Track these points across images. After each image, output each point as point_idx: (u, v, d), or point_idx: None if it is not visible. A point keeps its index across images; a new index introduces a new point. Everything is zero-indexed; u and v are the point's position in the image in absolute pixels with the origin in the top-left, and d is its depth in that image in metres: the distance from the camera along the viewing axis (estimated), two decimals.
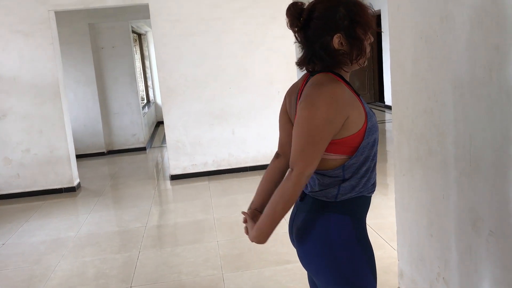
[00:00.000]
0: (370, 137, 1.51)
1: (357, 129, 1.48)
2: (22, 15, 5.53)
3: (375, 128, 1.53)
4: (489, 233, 1.87)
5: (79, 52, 7.70)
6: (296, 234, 1.63)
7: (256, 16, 5.86)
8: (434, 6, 2.14)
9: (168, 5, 5.74)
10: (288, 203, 1.47)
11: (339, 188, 1.53)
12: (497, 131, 1.76)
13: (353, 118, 1.46)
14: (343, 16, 1.47)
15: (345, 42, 1.48)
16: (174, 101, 5.92)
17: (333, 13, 1.47)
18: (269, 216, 1.51)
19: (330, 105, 1.43)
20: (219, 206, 4.83)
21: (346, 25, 1.47)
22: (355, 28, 1.47)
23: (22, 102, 5.67)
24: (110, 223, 4.71)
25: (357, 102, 1.49)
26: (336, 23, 1.47)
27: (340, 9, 1.47)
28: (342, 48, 1.49)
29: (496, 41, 1.71)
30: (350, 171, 1.52)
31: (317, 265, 1.56)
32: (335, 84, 1.47)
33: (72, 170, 5.90)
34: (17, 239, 4.37)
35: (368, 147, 1.52)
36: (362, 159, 1.52)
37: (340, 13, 1.47)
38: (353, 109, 1.46)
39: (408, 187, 2.64)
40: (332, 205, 1.54)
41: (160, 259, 3.69)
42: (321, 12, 1.48)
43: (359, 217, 1.58)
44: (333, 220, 1.54)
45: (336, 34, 1.47)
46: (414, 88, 2.42)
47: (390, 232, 3.62)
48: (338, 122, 1.44)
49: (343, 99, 1.44)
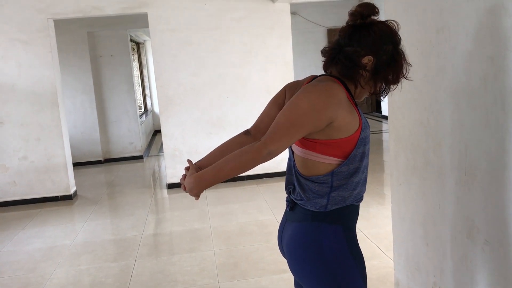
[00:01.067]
0: (362, 147, 1.52)
1: (348, 133, 1.48)
2: (21, 23, 5.55)
3: (367, 140, 1.55)
4: (484, 242, 1.88)
5: (78, 60, 7.73)
6: (287, 245, 1.62)
7: (254, 26, 5.90)
8: (429, 17, 2.16)
9: (166, 14, 5.77)
10: (239, 166, 1.42)
11: (328, 198, 1.53)
12: (492, 141, 1.78)
13: (345, 120, 1.46)
14: (388, 52, 1.49)
15: (371, 70, 1.51)
16: (171, 110, 5.94)
17: (383, 41, 1.49)
18: (214, 169, 1.45)
19: (321, 95, 1.44)
20: (215, 215, 4.83)
21: (383, 60, 1.49)
22: (385, 68, 1.50)
23: (20, 109, 5.67)
24: (106, 232, 4.70)
25: (352, 108, 1.50)
26: (379, 49, 1.49)
27: (391, 45, 1.50)
28: (366, 70, 1.50)
29: (490, 52, 1.73)
30: (338, 178, 1.52)
31: (309, 275, 1.56)
32: (333, 83, 1.49)
33: (69, 178, 5.89)
34: (13, 247, 4.36)
35: (358, 157, 1.52)
36: (352, 169, 1.52)
37: (388, 47, 1.50)
38: (346, 112, 1.47)
39: (404, 196, 2.65)
40: (323, 215, 1.55)
41: (156, 268, 3.68)
42: (377, 32, 1.49)
43: (350, 226, 1.58)
44: (324, 230, 1.54)
45: (369, 56, 1.49)
46: (410, 98, 2.44)
47: (386, 241, 3.63)
48: (324, 116, 1.43)
49: (336, 96, 1.45)
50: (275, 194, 5.42)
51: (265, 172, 6.10)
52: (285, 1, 5.81)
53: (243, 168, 1.43)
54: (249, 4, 5.87)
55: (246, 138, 1.73)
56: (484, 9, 1.75)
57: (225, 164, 1.44)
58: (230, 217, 4.74)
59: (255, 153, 1.41)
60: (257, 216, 4.70)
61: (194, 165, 1.60)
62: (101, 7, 5.64)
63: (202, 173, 1.47)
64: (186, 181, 1.51)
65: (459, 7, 1.91)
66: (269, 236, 4.11)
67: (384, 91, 1.58)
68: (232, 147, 1.66)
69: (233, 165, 1.43)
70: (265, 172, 6.10)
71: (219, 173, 1.44)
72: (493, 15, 1.71)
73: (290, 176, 1.65)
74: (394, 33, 1.52)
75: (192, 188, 1.49)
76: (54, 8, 5.58)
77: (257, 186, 5.78)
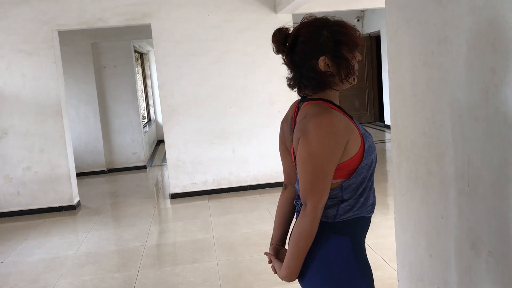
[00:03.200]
0: (369, 157, 1.53)
1: (354, 152, 1.49)
2: (26, 34, 5.60)
3: (372, 149, 1.55)
4: (488, 253, 1.87)
5: (82, 71, 7.78)
6: None
7: (257, 37, 5.94)
8: (431, 29, 2.17)
9: (170, 25, 5.81)
10: (309, 238, 1.50)
11: (338, 209, 1.54)
12: (495, 152, 1.78)
13: (350, 143, 1.48)
14: (327, 39, 1.49)
15: (332, 64, 1.50)
16: (175, 120, 5.96)
17: (317, 37, 1.50)
18: (293, 254, 1.53)
19: (330, 139, 1.44)
20: (219, 225, 4.82)
21: (331, 47, 1.49)
22: (340, 49, 1.49)
23: (24, 120, 5.70)
24: (109, 242, 4.69)
25: (351, 125, 1.50)
26: (321, 46, 1.49)
27: (324, 32, 1.50)
28: (329, 69, 1.51)
29: (492, 63, 1.74)
30: (348, 191, 1.53)
31: (315, 285, 1.57)
32: (330, 115, 1.47)
33: (72, 188, 5.90)
34: (15, 258, 4.36)
35: (366, 167, 1.53)
36: (360, 179, 1.53)
37: (324, 36, 1.49)
38: (351, 134, 1.48)
39: (407, 207, 2.64)
40: (332, 225, 1.55)
41: (159, 279, 3.67)
42: (306, 37, 1.51)
43: (359, 238, 1.59)
44: (332, 241, 1.54)
45: (321, 57, 1.49)
46: (413, 109, 2.45)
47: (390, 252, 3.62)
48: (340, 151, 1.46)
49: (340, 128, 1.46)
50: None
51: (267, 182, 6.10)
52: (287, 12, 5.85)
53: (312, 236, 1.51)
54: (252, 15, 5.91)
55: (288, 192, 1.78)
56: (486, 21, 1.76)
57: (297, 245, 1.52)
58: (233, 228, 4.74)
59: (314, 220, 1.48)
60: (261, 227, 4.70)
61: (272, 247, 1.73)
62: (105, 19, 5.69)
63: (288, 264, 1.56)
64: (281, 276, 1.60)
65: (461, 19, 1.92)
66: None
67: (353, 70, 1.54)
68: (286, 208, 1.76)
69: (304, 241, 1.51)
70: (268, 182, 6.10)
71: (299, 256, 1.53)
72: (494, 27, 1.72)
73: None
74: (315, 22, 1.53)
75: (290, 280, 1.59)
76: (58, 19, 5.63)
77: (260, 196, 5.78)
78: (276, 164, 6.03)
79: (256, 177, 6.12)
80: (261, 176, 6.11)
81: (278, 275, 1.62)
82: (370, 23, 10.57)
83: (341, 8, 6.10)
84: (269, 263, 1.70)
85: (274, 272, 1.66)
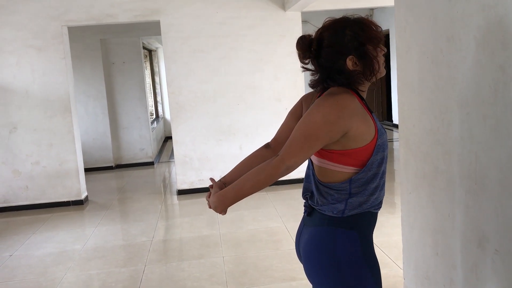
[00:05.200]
0: (380, 154, 1.53)
1: (365, 142, 1.50)
2: (35, 30, 5.64)
3: (385, 146, 1.55)
4: (494, 251, 1.87)
5: (90, 67, 7.82)
6: (303, 249, 1.64)
7: (264, 34, 5.94)
8: (440, 27, 2.17)
9: (179, 22, 5.83)
10: (259, 183, 1.48)
11: (346, 204, 1.54)
12: (502, 150, 1.77)
13: (360, 130, 1.48)
14: (351, 38, 1.50)
15: (359, 62, 1.51)
16: (182, 117, 5.97)
17: (341, 38, 1.51)
18: (235, 188, 1.52)
19: (333, 108, 1.46)
20: (225, 222, 4.84)
21: (356, 46, 1.50)
22: (364, 47, 1.51)
23: (33, 115, 5.74)
24: (116, 237, 4.72)
25: (367, 116, 1.51)
26: (346, 46, 1.50)
27: (347, 32, 1.51)
28: (357, 68, 1.52)
29: (501, 61, 1.73)
30: (356, 185, 1.53)
31: (323, 280, 1.57)
32: (346, 94, 1.50)
33: (80, 183, 5.94)
34: (24, 251, 4.40)
35: (376, 163, 1.53)
36: (370, 175, 1.53)
37: (347, 35, 1.50)
38: (361, 121, 1.48)
39: (414, 205, 2.64)
40: (339, 220, 1.56)
41: (166, 274, 3.69)
42: (330, 40, 1.52)
43: (366, 233, 1.59)
44: (340, 236, 1.55)
45: (349, 57, 1.50)
46: (421, 107, 2.44)
47: (396, 250, 3.61)
48: (338, 127, 1.45)
49: (349, 107, 1.47)
50: (284, 201, 5.41)
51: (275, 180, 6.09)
52: (296, 10, 5.84)
53: (263, 185, 1.49)
54: (260, 12, 5.91)
55: (266, 151, 1.77)
56: (494, 19, 1.76)
57: (245, 181, 1.51)
58: (239, 224, 4.75)
59: (273, 169, 1.46)
60: (267, 224, 4.71)
61: (219, 182, 1.69)
62: (114, 15, 5.71)
63: (225, 191, 1.55)
64: (210, 200, 1.59)
65: (470, 17, 1.92)
66: (278, 244, 4.11)
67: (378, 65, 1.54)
68: (254, 161, 1.72)
69: (253, 183, 1.49)
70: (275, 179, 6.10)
71: (240, 191, 1.52)
72: (503, 24, 1.71)
73: (308, 183, 1.68)
74: (337, 24, 1.53)
75: (216, 207, 1.57)
76: (68, 15, 5.66)
77: (266, 194, 5.79)
78: None
79: None
80: None
81: (208, 202, 1.60)
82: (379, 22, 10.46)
83: (350, 6, 6.08)
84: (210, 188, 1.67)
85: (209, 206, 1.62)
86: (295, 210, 4.97)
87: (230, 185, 1.55)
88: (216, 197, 1.56)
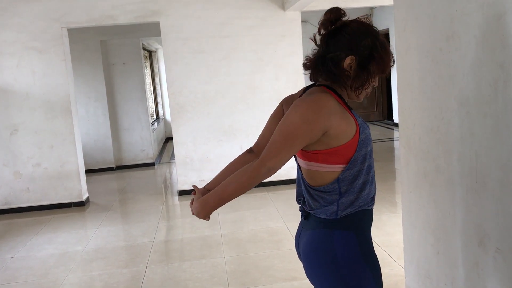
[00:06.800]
0: (363, 149, 1.54)
1: (347, 139, 1.50)
2: (35, 32, 5.64)
3: (368, 141, 1.55)
4: (496, 250, 1.87)
5: (91, 68, 7.82)
6: (303, 251, 1.65)
7: (265, 34, 5.94)
8: (440, 25, 2.17)
9: (179, 23, 5.83)
10: (240, 186, 1.48)
11: (338, 205, 1.55)
12: (503, 148, 1.77)
13: (340, 127, 1.48)
14: (367, 46, 1.50)
15: (355, 68, 1.51)
16: (183, 117, 5.98)
17: (361, 38, 1.51)
18: (217, 193, 1.53)
19: (311, 107, 1.46)
20: (226, 222, 4.84)
21: (365, 55, 1.50)
22: (370, 61, 1.51)
23: (34, 117, 5.75)
24: (118, 238, 4.73)
25: (346, 113, 1.51)
26: (358, 47, 1.50)
27: (369, 39, 1.51)
28: (349, 71, 1.52)
29: (501, 59, 1.73)
30: (345, 184, 1.53)
31: (323, 281, 1.57)
32: (322, 94, 1.51)
33: (81, 185, 5.95)
34: (25, 253, 4.40)
35: (360, 159, 1.53)
36: (356, 172, 1.54)
37: (366, 41, 1.51)
38: (340, 118, 1.48)
39: (415, 204, 2.64)
40: (335, 222, 1.56)
41: (167, 274, 3.69)
42: (352, 31, 1.52)
43: (363, 231, 1.59)
44: (337, 237, 1.55)
45: (351, 56, 1.50)
46: (421, 106, 2.44)
47: (397, 249, 3.61)
48: (316, 126, 1.45)
49: (326, 105, 1.47)
50: (285, 201, 5.42)
51: (275, 180, 6.10)
52: (296, 10, 5.84)
53: (244, 188, 1.49)
54: (260, 12, 5.91)
55: (249, 156, 1.79)
56: (494, 17, 1.76)
57: (227, 186, 1.51)
58: (240, 224, 4.75)
59: (254, 172, 1.46)
60: (268, 224, 4.71)
61: (203, 189, 1.69)
62: (114, 16, 5.72)
63: (207, 197, 1.55)
64: (193, 206, 1.60)
65: (469, 15, 1.92)
66: (279, 244, 4.11)
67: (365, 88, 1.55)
68: (237, 166, 1.71)
69: (235, 186, 1.49)
70: (275, 179, 6.10)
71: (222, 196, 1.52)
72: (503, 22, 1.71)
73: (300, 188, 1.69)
74: (368, 27, 1.54)
75: (198, 213, 1.57)
76: (68, 17, 5.67)
77: (267, 194, 5.79)
78: None
79: None
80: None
81: (191, 208, 1.61)
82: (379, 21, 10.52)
83: (350, 6, 6.08)
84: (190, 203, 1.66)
85: (191, 205, 1.63)
86: (296, 210, 4.94)
87: (212, 191, 1.56)
88: (199, 203, 1.57)
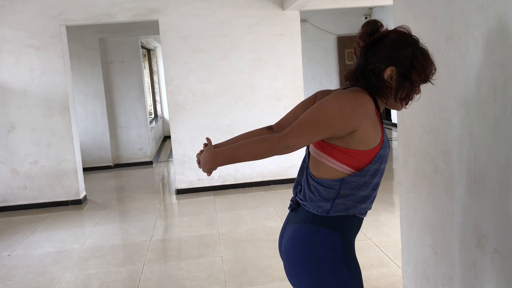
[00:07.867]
0: (377, 164, 1.53)
1: (368, 147, 1.49)
2: (34, 29, 5.62)
3: (384, 159, 1.55)
4: (493, 250, 1.87)
5: (89, 66, 7.81)
6: (285, 246, 1.65)
7: (264, 33, 5.93)
8: (439, 25, 2.17)
9: (177, 21, 5.82)
10: (255, 152, 1.45)
11: (333, 204, 1.54)
12: (502, 149, 1.77)
13: (368, 132, 1.48)
14: (407, 56, 1.49)
15: (396, 78, 1.51)
16: (181, 116, 5.97)
17: (400, 48, 1.50)
18: (232, 150, 1.48)
19: (351, 102, 1.45)
20: (224, 221, 4.83)
21: (406, 65, 1.49)
22: (411, 72, 1.50)
23: (31, 114, 5.73)
24: (115, 236, 4.72)
25: (377, 123, 1.51)
26: (397, 58, 1.50)
27: (409, 48, 1.50)
28: (390, 82, 1.51)
29: (500, 59, 1.73)
30: (346, 187, 1.53)
31: (301, 278, 1.57)
32: (364, 95, 1.50)
33: (79, 183, 5.93)
34: (22, 251, 4.39)
35: (370, 172, 1.53)
36: (362, 182, 1.53)
37: (406, 51, 1.50)
38: (371, 125, 1.48)
39: (413, 203, 2.64)
40: (323, 219, 1.56)
41: (164, 273, 3.69)
42: (391, 42, 1.51)
43: (348, 235, 1.58)
44: (322, 235, 1.55)
45: (391, 67, 1.49)
46: (420, 106, 2.44)
47: (395, 249, 3.61)
48: (349, 122, 1.44)
49: (364, 106, 1.46)
50: (283, 200, 5.41)
51: (273, 179, 6.10)
52: (295, 9, 5.84)
53: (259, 155, 1.45)
54: (259, 11, 5.90)
55: (267, 132, 1.76)
56: (494, 17, 1.75)
57: (242, 146, 1.47)
58: (238, 223, 4.75)
59: (274, 142, 1.43)
60: (265, 223, 4.70)
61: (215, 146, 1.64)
62: (113, 14, 5.70)
63: (219, 150, 1.50)
64: (202, 155, 1.52)
65: (469, 16, 1.92)
66: (277, 243, 4.09)
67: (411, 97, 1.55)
68: (254, 135, 1.70)
69: (250, 150, 1.45)
70: (274, 178, 6.11)
71: (235, 154, 1.47)
72: (503, 23, 1.71)
73: (300, 177, 1.68)
74: (407, 36, 1.53)
75: (205, 163, 1.51)
76: (66, 14, 5.65)
77: (265, 193, 5.78)
78: (282, 161, 6.03)
79: (262, 174, 6.13)
80: (266, 173, 6.11)
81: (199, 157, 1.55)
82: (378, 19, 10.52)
83: (349, 5, 6.08)
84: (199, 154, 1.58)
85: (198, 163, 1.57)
86: None
87: (227, 146, 1.51)
88: (209, 153, 1.50)
